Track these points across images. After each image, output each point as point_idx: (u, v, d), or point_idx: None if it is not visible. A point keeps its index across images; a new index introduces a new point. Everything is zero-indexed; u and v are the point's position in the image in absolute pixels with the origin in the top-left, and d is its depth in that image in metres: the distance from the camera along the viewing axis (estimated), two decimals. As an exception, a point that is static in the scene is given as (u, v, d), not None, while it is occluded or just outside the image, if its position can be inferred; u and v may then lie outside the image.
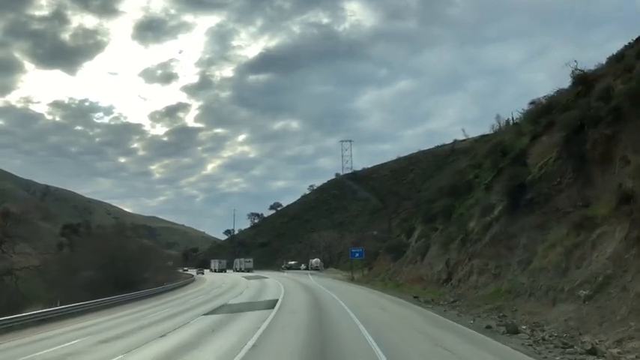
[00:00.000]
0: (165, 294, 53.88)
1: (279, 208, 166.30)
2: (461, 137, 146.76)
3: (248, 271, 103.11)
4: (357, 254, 64.61)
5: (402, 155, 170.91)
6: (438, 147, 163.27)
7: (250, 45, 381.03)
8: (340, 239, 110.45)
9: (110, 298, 42.05)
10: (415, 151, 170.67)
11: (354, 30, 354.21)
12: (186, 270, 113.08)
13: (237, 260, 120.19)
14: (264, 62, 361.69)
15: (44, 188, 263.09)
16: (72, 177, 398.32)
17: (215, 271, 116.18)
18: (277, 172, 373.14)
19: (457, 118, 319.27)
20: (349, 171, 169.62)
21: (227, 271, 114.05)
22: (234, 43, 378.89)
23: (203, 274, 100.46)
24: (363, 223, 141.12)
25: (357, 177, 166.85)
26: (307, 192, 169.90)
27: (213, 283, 72.43)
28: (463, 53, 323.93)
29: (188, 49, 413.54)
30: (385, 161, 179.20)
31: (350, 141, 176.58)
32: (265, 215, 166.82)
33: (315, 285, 48.99)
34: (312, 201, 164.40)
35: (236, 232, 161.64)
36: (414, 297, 29.88)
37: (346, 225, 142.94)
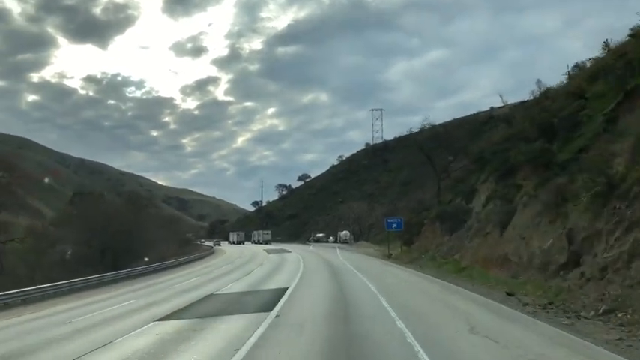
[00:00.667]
0: (164, 272, 42.02)
1: (307, 180, 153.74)
2: (497, 105, 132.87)
3: (266, 243, 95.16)
4: (395, 225, 51.49)
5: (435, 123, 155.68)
6: (473, 115, 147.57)
7: (279, 16, 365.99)
8: (370, 211, 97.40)
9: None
10: (450, 119, 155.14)
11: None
12: (204, 242, 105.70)
13: (255, 232, 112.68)
14: (293, 34, 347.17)
15: (79, 161, 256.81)
16: (106, 150, 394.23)
17: (233, 243, 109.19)
18: (306, 146, 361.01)
19: (491, 89, 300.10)
20: (380, 141, 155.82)
21: (245, 243, 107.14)
22: (263, 14, 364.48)
23: (220, 245, 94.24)
24: (394, 195, 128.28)
25: (388, 147, 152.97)
26: (335, 163, 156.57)
27: (228, 257, 60.75)
28: (498, 22, 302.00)
29: (217, 21, 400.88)
30: (417, 130, 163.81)
31: (381, 109, 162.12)
32: (293, 187, 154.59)
33: (342, 264, 37.04)
34: (341, 172, 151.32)
35: (264, 204, 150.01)
36: (508, 294, 16.84)
37: (376, 197, 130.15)
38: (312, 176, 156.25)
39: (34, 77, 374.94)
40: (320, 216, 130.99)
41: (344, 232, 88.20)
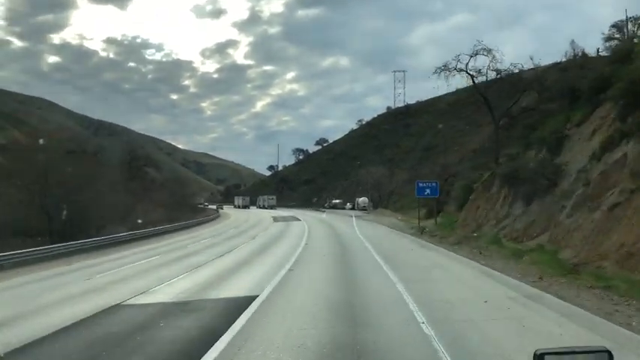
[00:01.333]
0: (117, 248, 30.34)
1: (325, 144, 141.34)
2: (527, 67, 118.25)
3: (271, 208, 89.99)
4: (428, 191, 38.36)
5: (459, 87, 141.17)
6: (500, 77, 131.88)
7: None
8: (390, 176, 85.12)
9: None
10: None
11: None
12: (207, 205, 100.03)
13: (260, 197, 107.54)
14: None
15: (97, 123, 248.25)
16: (126, 113, 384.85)
17: (239, 207, 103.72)
18: (326, 111, 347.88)
19: (516, 54, 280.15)
20: (401, 104, 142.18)
21: (250, 207, 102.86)
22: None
23: (222, 209, 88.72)
24: (415, 160, 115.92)
25: (410, 111, 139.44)
26: (355, 127, 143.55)
27: (223, 227, 49.31)
28: None
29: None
30: (441, 94, 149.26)
31: (403, 71, 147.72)
32: (310, 151, 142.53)
33: (359, 243, 24.73)
34: (360, 136, 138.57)
35: (280, 168, 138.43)
36: None
37: (396, 162, 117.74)
38: (331, 141, 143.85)
39: (55, 39, 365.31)
40: (337, 181, 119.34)
41: (362, 198, 76.47)
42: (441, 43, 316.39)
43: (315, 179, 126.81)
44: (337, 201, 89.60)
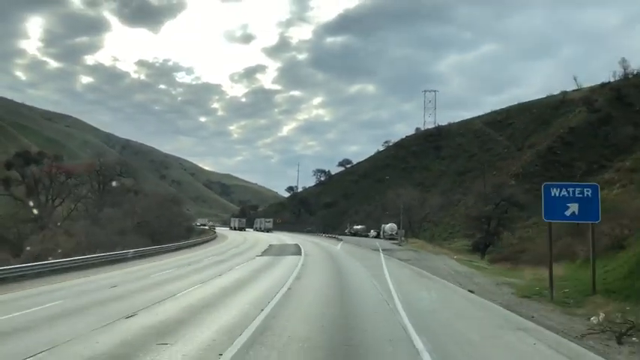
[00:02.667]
0: None
1: (348, 166, 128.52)
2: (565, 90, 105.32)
3: (267, 232, 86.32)
4: (574, 209, 14.80)
5: (495, 109, 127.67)
6: (540, 99, 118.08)
7: (330, 6, 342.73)
8: (423, 201, 71.42)
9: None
10: (514, 104, 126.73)
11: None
12: (203, 225, 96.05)
13: (257, 220, 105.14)
14: (343, 24, 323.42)
15: (124, 142, 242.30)
16: (155, 134, 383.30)
17: (235, 229, 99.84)
18: (351, 137, 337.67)
19: (544, 85, 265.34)
20: (432, 126, 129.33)
21: (247, 229, 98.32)
22: (313, 3, 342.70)
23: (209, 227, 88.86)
24: (447, 185, 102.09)
25: (442, 132, 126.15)
26: (381, 148, 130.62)
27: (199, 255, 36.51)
28: (555, 17, 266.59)
29: (268, 9, 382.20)
30: (473, 116, 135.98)
31: (434, 91, 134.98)
32: (333, 173, 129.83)
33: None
34: (387, 158, 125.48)
35: (299, 189, 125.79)
36: None
37: (426, 186, 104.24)
38: (357, 156, 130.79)
39: (89, 60, 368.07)
40: (360, 205, 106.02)
41: (389, 224, 62.80)
42: (469, 73, 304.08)
43: (336, 202, 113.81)
44: (359, 227, 76.33)
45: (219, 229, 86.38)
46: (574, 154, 78.57)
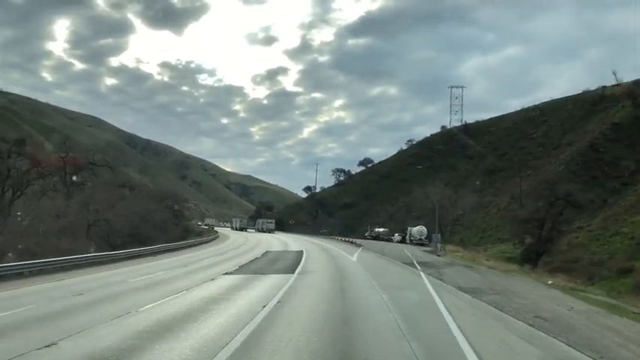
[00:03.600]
0: None
1: (369, 165, 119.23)
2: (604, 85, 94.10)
3: (270, 232, 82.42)
4: None
5: (526, 106, 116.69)
6: (575, 95, 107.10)
7: (351, 8, 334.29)
8: (454, 200, 61.70)
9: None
10: (547, 100, 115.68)
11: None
12: (203, 225, 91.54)
13: (259, 220, 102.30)
14: (365, 26, 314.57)
15: (145, 142, 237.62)
16: (177, 135, 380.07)
17: (236, 229, 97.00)
18: (372, 139, 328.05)
19: (569, 88, 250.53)
20: (459, 123, 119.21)
21: (248, 230, 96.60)
22: (335, 5, 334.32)
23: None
24: (474, 185, 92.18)
25: (469, 130, 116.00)
26: (404, 147, 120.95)
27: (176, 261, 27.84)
28: (580, 19, 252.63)
29: (290, 11, 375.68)
30: (504, 113, 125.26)
31: (461, 87, 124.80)
32: (352, 172, 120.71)
33: None
34: (410, 157, 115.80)
35: (317, 190, 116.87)
36: None
37: (454, 187, 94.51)
38: (379, 156, 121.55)
39: (114, 62, 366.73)
40: (382, 206, 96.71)
41: (418, 227, 53.08)
42: (493, 75, 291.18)
43: (355, 203, 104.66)
44: (381, 230, 66.87)
45: (223, 230, 79.19)
46: (619, 151, 68.31)
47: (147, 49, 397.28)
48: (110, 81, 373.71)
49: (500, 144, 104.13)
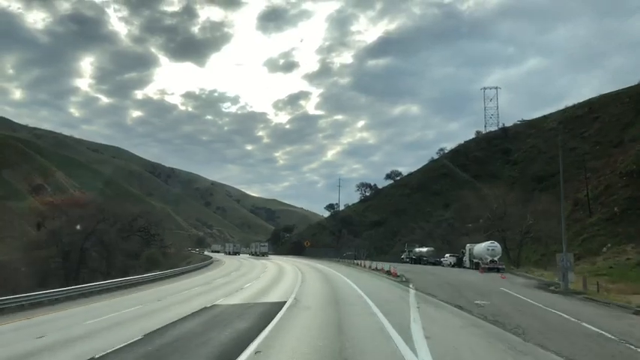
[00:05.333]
0: None
1: (397, 178, 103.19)
2: None
3: (263, 255, 75.66)
4: None
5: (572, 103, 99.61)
6: (631, 87, 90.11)
7: (369, 30, 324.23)
8: (521, 203, 45.22)
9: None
10: (595, 95, 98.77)
11: (479, 7, 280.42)
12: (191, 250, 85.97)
13: (252, 244, 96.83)
14: (384, 46, 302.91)
15: (169, 171, 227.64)
16: (203, 164, 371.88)
17: (229, 253, 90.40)
18: (396, 158, 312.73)
19: (595, 96, 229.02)
20: (494, 128, 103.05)
21: (239, 254, 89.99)
22: (354, 28, 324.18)
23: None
24: (520, 194, 75.36)
25: (508, 135, 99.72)
26: (435, 157, 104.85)
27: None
28: (601, 27, 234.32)
29: (308, 37, 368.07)
30: (547, 113, 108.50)
31: (496, 88, 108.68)
32: (379, 187, 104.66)
33: None
34: (442, 167, 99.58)
35: (342, 207, 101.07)
36: None
37: (496, 197, 77.93)
38: (405, 173, 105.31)
39: (138, 94, 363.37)
40: (416, 222, 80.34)
41: (486, 244, 34.48)
42: (515, 88, 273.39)
43: (385, 221, 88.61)
44: (425, 250, 50.15)
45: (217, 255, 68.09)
46: None
47: (170, 80, 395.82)
48: (136, 113, 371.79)
49: (546, 146, 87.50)
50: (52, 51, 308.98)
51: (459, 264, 40.23)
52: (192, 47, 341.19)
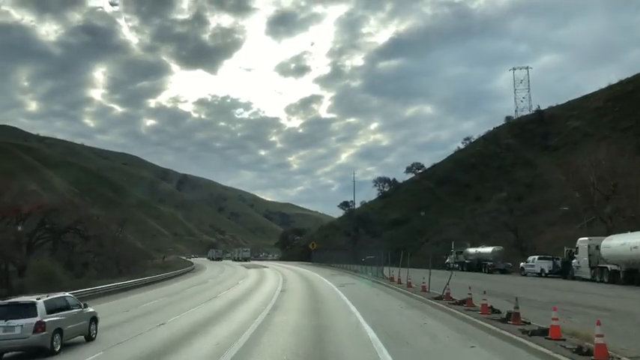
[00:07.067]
0: None
1: (419, 171, 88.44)
2: None
3: (245, 260, 72.81)
4: None
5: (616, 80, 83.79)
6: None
7: (380, 31, 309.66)
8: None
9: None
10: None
11: (490, 6, 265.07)
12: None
13: (235, 249, 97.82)
14: (395, 47, 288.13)
15: (181, 177, 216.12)
16: (218, 170, 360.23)
17: (212, 259, 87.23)
18: (411, 159, 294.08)
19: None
20: (528, 112, 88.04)
21: (222, 259, 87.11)
22: (364, 30, 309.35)
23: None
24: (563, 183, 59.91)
25: (544, 119, 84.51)
26: (461, 146, 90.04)
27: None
28: (616, 21, 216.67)
29: (319, 40, 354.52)
30: (588, 92, 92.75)
31: (527, 67, 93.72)
32: (399, 181, 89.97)
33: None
34: (471, 157, 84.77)
35: (357, 205, 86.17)
36: None
37: (536, 189, 63.82)
38: (427, 166, 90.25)
39: (151, 103, 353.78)
40: (446, 219, 65.77)
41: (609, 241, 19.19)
42: (531, 85, 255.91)
43: (407, 219, 74.08)
44: (488, 250, 34.39)
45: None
46: None
47: (183, 88, 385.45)
48: (149, 122, 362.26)
49: (593, 128, 72.24)
50: (65, 62, 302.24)
51: (563, 272, 25.52)
52: (203, 54, 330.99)
